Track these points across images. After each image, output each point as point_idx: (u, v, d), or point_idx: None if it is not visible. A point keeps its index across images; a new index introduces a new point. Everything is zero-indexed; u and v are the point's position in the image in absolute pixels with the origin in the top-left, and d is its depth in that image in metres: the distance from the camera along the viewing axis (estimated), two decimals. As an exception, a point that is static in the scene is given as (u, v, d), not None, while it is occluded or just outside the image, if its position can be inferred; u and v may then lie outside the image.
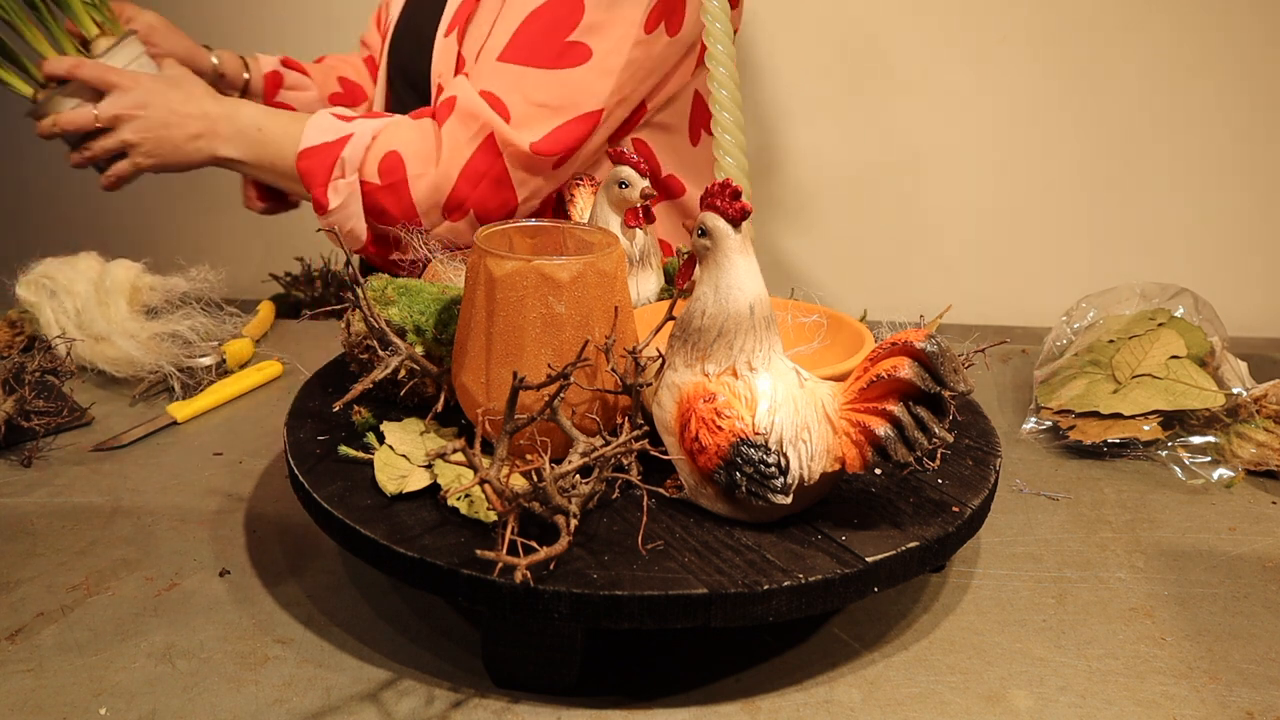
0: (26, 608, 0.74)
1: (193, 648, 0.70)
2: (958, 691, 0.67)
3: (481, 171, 1.15)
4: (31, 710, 0.64)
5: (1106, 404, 1.00)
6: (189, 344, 1.11)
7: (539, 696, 0.66)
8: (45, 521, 0.85)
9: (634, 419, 0.73)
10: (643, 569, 0.64)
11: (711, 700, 0.66)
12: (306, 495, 0.73)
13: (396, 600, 0.76)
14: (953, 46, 1.88)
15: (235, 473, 0.94)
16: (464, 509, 0.68)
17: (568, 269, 0.69)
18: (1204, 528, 0.88)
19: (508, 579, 0.61)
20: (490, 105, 1.14)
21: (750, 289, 0.67)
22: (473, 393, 0.73)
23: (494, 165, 1.15)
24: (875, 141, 1.90)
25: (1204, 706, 0.66)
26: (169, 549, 0.82)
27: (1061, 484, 0.95)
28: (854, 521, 0.69)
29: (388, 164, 1.16)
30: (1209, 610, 0.77)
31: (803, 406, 0.67)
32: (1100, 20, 1.87)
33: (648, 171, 0.87)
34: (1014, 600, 0.77)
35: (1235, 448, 0.97)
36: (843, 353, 0.82)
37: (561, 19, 1.14)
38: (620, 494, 0.72)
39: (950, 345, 0.65)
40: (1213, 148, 1.92)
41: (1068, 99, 1.93)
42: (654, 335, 0.75)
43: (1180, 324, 1.07)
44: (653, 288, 0.93)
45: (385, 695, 0.66)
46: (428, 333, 0.82)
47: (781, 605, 0.63)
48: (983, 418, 0.86)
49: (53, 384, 1.03)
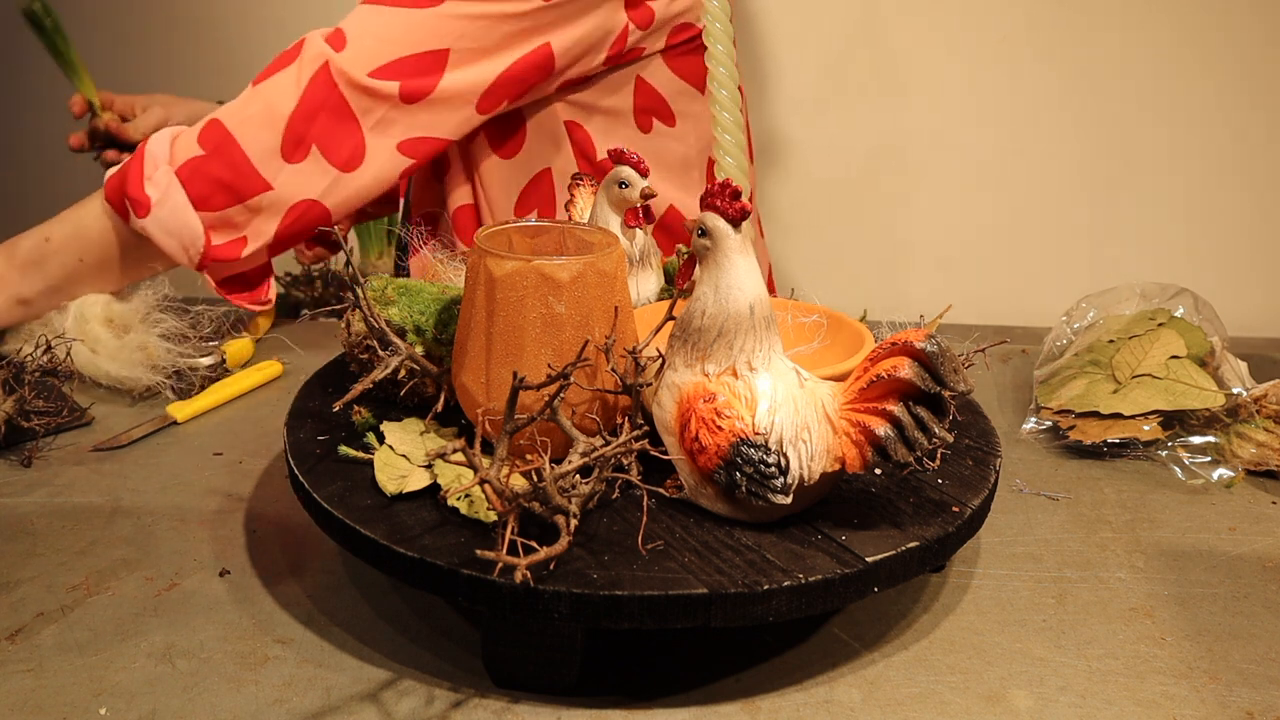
0: (26, 608, 0.74)
1: (193, 648, 0.70)
2: (958, 691, 0.67)
3: (318, 103, 1.09)
4: (31, 710, 0.64)
5: (1106, 404, 1.00)
6: (171, 349, 1.11)
7: (539, 696, 0.66)
8: (45, 521, 0.85)
9: (634, 419, 0.73)
10: (643, 569, 0.64)
11: (711, 700, 0.66)
12: (306, 495, 0.73)
13: (396, 600, 0.76)
14: (953, 46, 1.88)
15: (235, 473, 0.94)
16: (464, 509, 0.68)
17: (568, 269, 0.69)
18: (1204, 528, 0.88)
19: (508, 579, 0.61)
20: (327, 40, 1.11)
21: (750, 289, 0.67)
22: (473, 393, 0.73)
23: (330, 95, 1.09)
24: (875, 141, 1.90)
25: (1204, 706, 0.66)
26: (169, 549, 0.82)
27: (1061, 484, 0.95)
28: (854, 521, 0.69)
29: (207, 133, 1.10)
30: (1209, 610, 0.77)
31: (803, 406, 0.67)
32: (1100, 20, 1.87)
33: (648, 171, 0.87)
34: (1014, 600, 0.77)
35: (1235, 448, 0.97)
36: (843, 353, 0.82)
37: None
38: (620, 494, 0.72)
39: (950, 345, 0.65)
40: (1213, 148, 1.92)
41: (1068, 99, 1.93)
42: (654, 335, 0.75)
43: (1180, 324, 1.07)
44: (653, 288, 0.93)
45: (385, 695, 0.66)
46: (428, 333, 0.82)
47: (781, 605, 0.63)
48: (983, 418, 0.86)
49: (53, 384, 1.03)
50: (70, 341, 1.05)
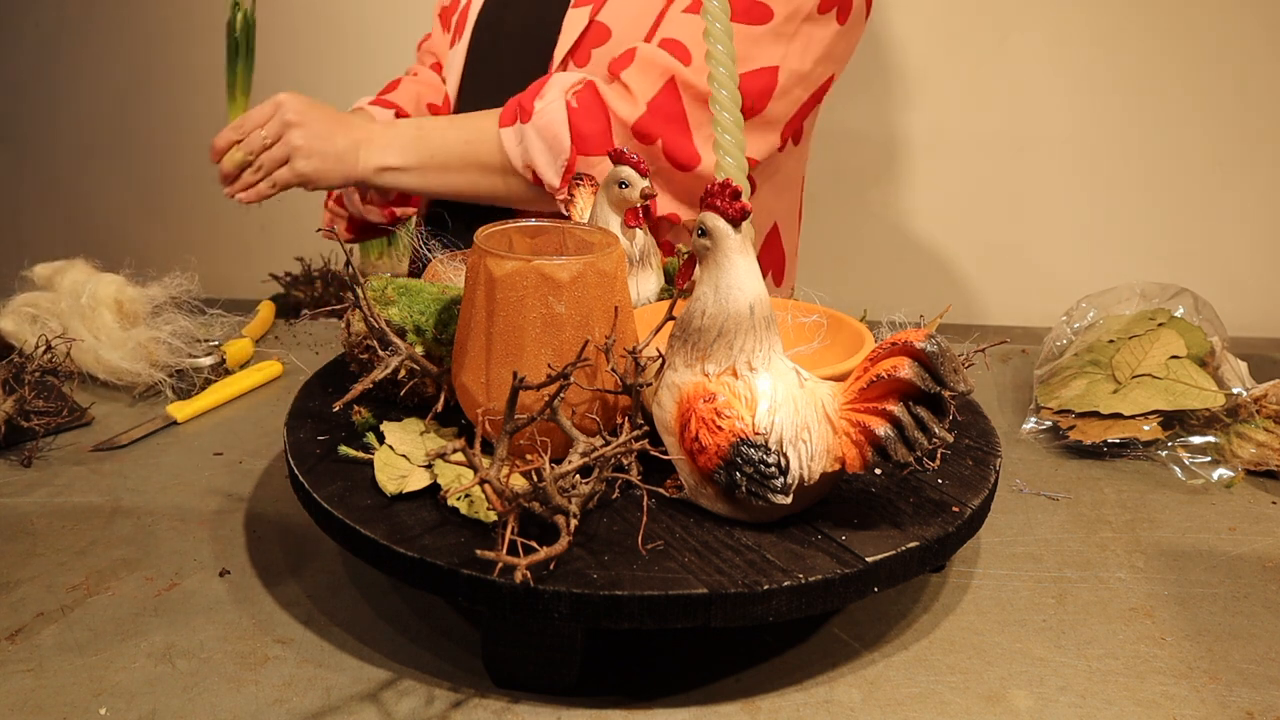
0: (26, 608, 0.74)
1: (193, 648, 0.70)
2: (958, 691, 0.67)
3: (667, 110, 1.15)
4: (31, 710, 0.64)
5: (1106, 404, 1.00)
6: (175, 349, 1.11)
7: (539, 696, 0.66)
8: (45, 521, 0.85)
9: (634, 419, 0.73)
10: (643, 569, 0.64)
11: (711, 700, 0.66)
12: (306, 495, 0.73)
13: (396, 600, 0.76)
14: (955, 45, 1.88)
15: (235, 473, 0.94)
16: (464, 509, 0.68)
17: (568, 269, 0.69)
18: (1204, 528, 0.88)
19: (508, 579, 0.61)
20: (670, 51, 1.15)
21: (750, 289, 0.67)
22: (473, 393, 0.73)
23: (675, 105, 1.15)
24: (875, 141, 1.90)
25: (1204, 706, 0.66)
26: (169, 549, 0.82)
27: (1061, 484, 0.95)
28: (854, 521, 0.69)
29: (584, 94, 1.16)
30: (1209, 610, 0.77)
31: (803, 406, 0.67)
32: (1100, 21, 1.87)
33: (648, 171, 0.87)
34: (1014, 600, 0.77)
35: (1235, 448, 0.97)
36: (843, 353, 0.82)
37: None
38: (620, 494, 0.72)
39: (950, 345, 0.65)
40: (1213, 148, 1.92)
41: (1068, 100, 1.93)
42: (654, 335, 0.75)
43: (1180, 324, 1.07)
44: (653, 288, 0.92)
45: (385, 695, 0.66)
46: (428, 333, 0.82)
47: (781, 605, 0.63)
48: (983, 418, 0.86)
49: (53, 384, 1.03)
50: (70, 341, 1.05)
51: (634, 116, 1.15)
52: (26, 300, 1.14)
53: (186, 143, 2.36)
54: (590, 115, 1.15)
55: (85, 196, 2.46)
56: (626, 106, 1.15)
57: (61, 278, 1.15)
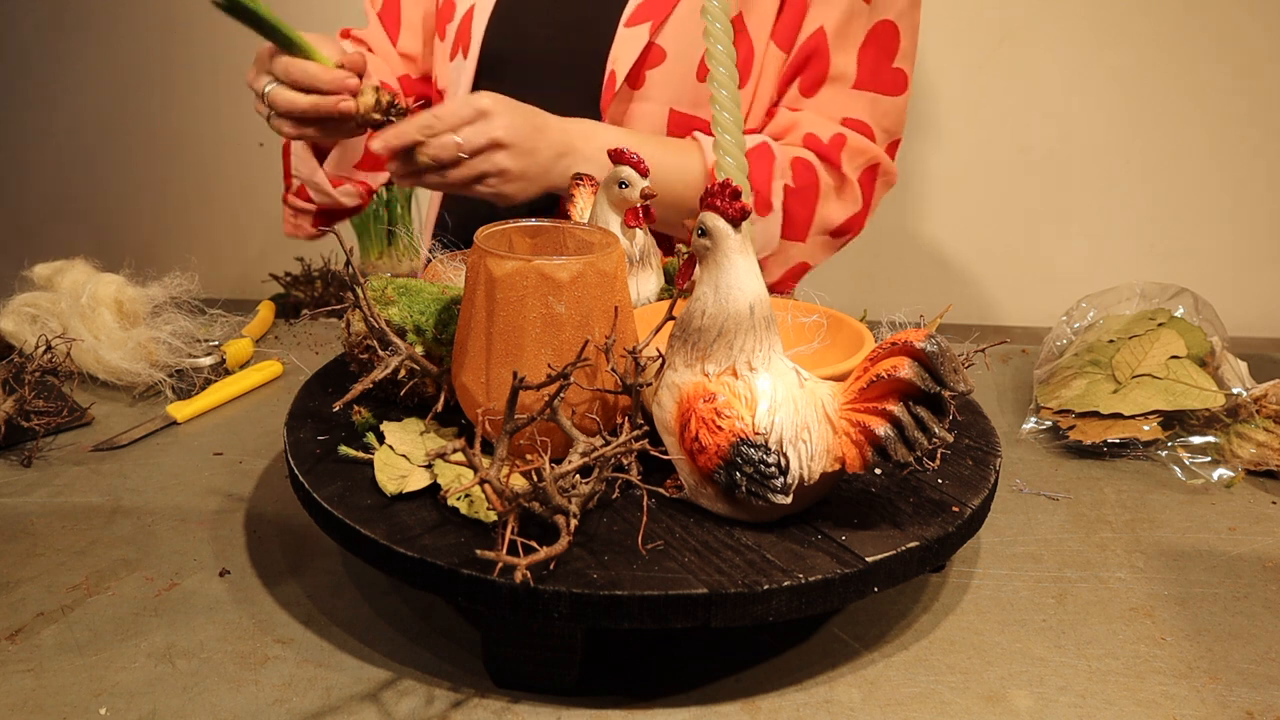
0: (26, 608, 0.74)
1: (193, 648, 0.70)
2: (958, 691, 0.67)
3: (871, 200, 1.21)
4: (31, 710, 0.64)
5: (1106, 404, 1.00)
6: (175, 349, 1.11)
7: (539, 696, 0.66)
8: (45, 521, 0.85)
9: (634, 419, 0.73)
10: (643, 569, 0.64)
11: (711, 700, 0.66)
12: (306, 495, 0.73)
13: (396, 600, 0.76)
14: (952, 44, 1.88)
15: (235, 473, 0.94)
16: (464, 509, 0.68)
17: (568, 269, 0.69)
18: (1204, 528, 0.88)
19: (508, 579, 0.61)
20: (864, 134, 1.18)
21: (750, 289, 0.67)
22: (473, 393, 0.73)
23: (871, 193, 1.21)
24: (875, 141, 1.89)
25: (1204, 706, 0.66)
26: (169, 549, 0.82)
27: (1061, 484, 0.95)
28: (854, 521, 0.69)
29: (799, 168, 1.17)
30: (1209, 610, 0.77)
31: (803, 406, 0.67)
32: (1101, 22, 1.87)
33: (648, 171, 0.87)
34: (1014, 600, 0.77)
35: (1235, 448, 0.97)
36: (843, 353, 0.82)
37: (886, 46, 1.18)
38: (620, 494, 0.72)
39: (950, 345, 0.65)
40: (1213, 148, 1.92)
41: (1068, 100, 1.93)
42: (654, 335, 0.75)
43: (1180, 324, 1.07)
44: (653, 288, 0.92)
45: (385, 695, 0.66)
46: (428, 333, 0.82)
47: (781, 605, 0.63)
48: (983, 418, 0.86)
49: (53, 384, 1.03)
50: (70, 341, 1.05)
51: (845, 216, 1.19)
52: (26, 300, 1.14)
53: (187, 142, 2.36)
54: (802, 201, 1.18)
55: (85, 196, 2.46)
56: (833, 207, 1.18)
57: (61, 278, 1.15)
